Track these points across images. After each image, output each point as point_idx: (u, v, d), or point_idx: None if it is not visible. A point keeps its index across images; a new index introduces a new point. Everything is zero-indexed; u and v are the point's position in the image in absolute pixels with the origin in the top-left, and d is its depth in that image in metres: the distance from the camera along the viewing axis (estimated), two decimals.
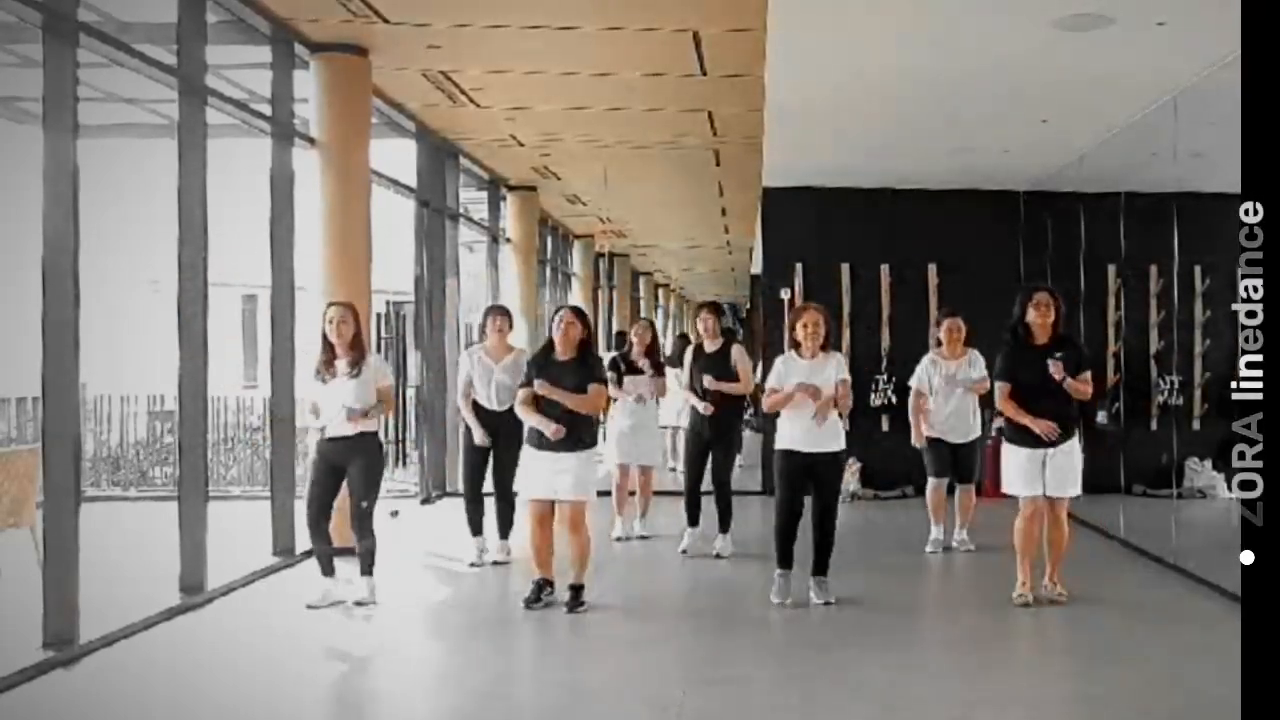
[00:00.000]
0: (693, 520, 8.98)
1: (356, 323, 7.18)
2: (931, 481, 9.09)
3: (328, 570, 7.22)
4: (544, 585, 7.14)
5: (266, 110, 8.73)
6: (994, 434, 8.44)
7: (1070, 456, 7.08)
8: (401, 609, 7.34)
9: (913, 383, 9.12)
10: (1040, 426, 6.94)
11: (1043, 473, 7.05)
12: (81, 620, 6.06)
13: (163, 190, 7.48)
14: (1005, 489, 7.28)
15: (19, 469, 7.73)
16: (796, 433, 7.09)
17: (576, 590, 7.07)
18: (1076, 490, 7.16)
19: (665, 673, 5.96)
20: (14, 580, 7.43)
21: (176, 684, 5.75)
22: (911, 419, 9.11)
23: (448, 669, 6.25)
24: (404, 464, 13.98)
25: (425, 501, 11.86)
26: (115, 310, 17.67)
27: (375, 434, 7.21)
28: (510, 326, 8.67)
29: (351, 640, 6.62)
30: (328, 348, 7.11)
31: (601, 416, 8.51)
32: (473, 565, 8.47)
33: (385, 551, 7.65)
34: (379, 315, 13.21)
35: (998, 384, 7.24)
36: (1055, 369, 6.90)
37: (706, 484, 8.93)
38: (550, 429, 6.83)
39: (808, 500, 7.18)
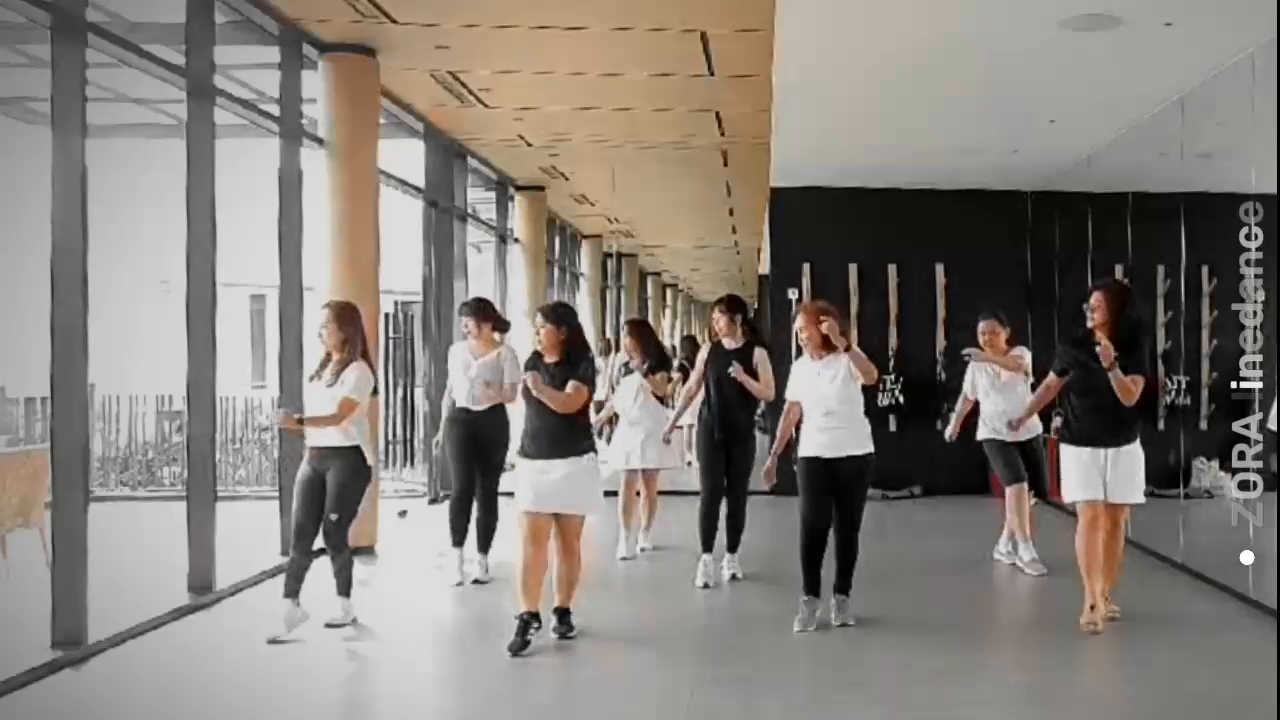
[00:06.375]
0: (707, 544, 7.77)
1: (347, 325, 6.40)
2: (1012, 489, 8.26)
3: (293, 590, 6.38)
4: (530, 622, 6.05)
5: (275, 110, 8.75)
6: (1053, 433, 8.04)
7: (1133, 459, 6.45)
8: (405, 612, 7.36)
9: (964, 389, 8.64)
10: (1101, 347, 6.22)
11: (1104, 476, 6.42)
12: (90, 620, 6.08)
13: (171, 190, 7.51)
14: (1064, 496, 6.68)
15: (28, 469, 7.77)
16: (819, 437, 6.65)
17: (563, 614, 6.27)
18: (1139, 497, 6.56)
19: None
20: (23, 580, 7.45)
21: (185, 684, 5.77)
22: (954, 418, 8.68)
23: (451, 675, 6.29)
24: (411, 464, 14.02)
25: (433, 501, 11.86)
26: (124, 310, 17.71)
27: (356, 447, 6.38)
28: (482, 326, 7.77)
29: (357, 640, 6.62)
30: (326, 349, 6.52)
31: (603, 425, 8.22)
32: (458, 585, 7.75)
33: (392, 550, 7.66)
34: (387, 315, 13.25)
35: (1049, 376, 6.81)
36: (1105, 356, 6.22)
37: None
38: (547, 393, 6.01)
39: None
